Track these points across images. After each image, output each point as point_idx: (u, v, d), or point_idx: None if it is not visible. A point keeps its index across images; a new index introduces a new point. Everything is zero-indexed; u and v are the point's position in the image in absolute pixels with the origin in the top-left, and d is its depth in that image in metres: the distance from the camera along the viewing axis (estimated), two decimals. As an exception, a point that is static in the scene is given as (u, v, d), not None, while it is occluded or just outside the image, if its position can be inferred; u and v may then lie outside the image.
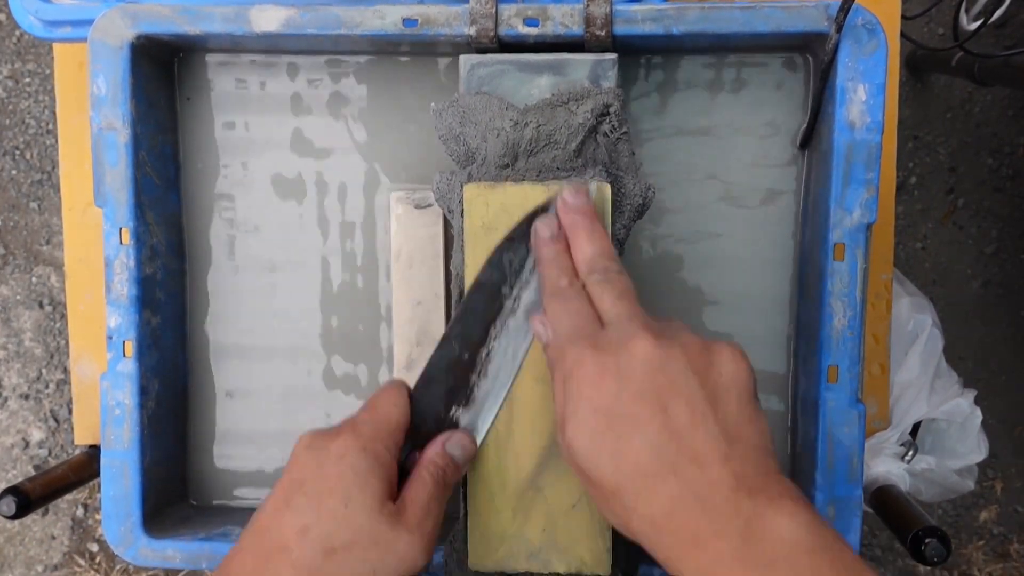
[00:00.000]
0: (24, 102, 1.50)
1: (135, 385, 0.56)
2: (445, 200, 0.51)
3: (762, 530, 0.35)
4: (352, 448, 0.42)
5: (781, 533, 0.35)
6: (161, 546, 0.57)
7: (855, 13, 0.50)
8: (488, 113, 0.50)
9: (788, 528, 0.35)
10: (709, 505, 0.36)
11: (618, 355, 0.39)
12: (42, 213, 1.51)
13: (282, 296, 0.62)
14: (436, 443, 0.46)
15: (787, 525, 0.35)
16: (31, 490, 0.67)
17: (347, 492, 0.41)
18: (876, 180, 0.51)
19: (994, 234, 1.43)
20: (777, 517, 0.35)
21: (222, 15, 0.54)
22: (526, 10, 0.52)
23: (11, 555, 1.54)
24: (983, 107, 1.42)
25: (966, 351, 1.43)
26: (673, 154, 0.58)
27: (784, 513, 0.35)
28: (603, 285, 0.42)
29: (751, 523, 0.35)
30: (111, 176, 0.55)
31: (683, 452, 0.37)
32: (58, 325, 1.52)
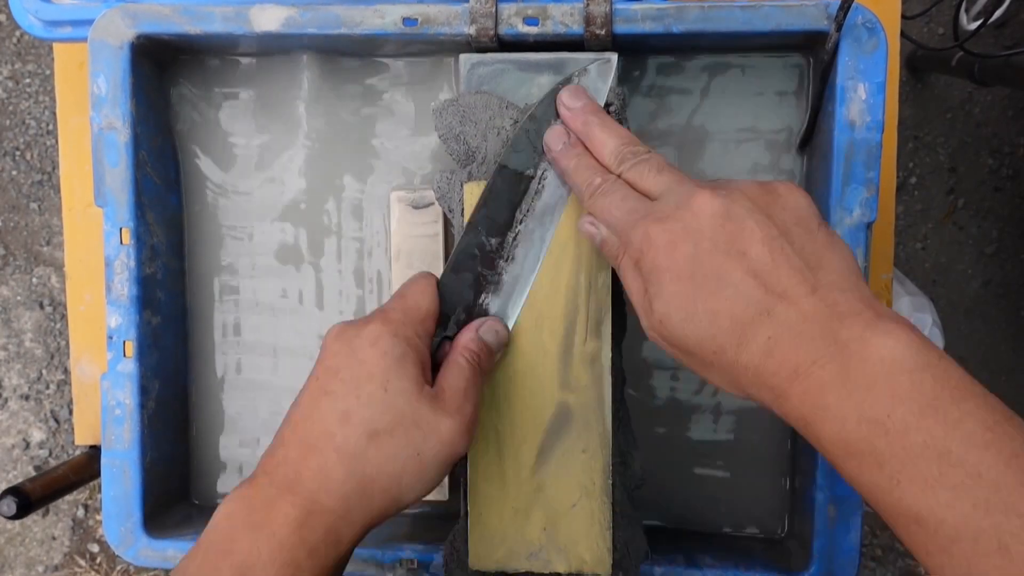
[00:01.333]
0: (24, 103, 1.50)
1: (135, 385, 0.56)
2: (445, 199, 0.51)
3: (861, 353, 0.34)
4: (384, 333, 0.42)
5: (881, 354, 0.34)
6: (161, 546, 0.57)
7: (855, 12, 0.50)
8: (488, 112, 0.50)
9: (887, 348, 0.34)
10: (806, 337, 0.35)
11: (682, 218, 0.38)
12: (42, 214, 1.51)
13: (282, 295, 0.62)
14: (469, 329, 0.45)
15: (885, 345, 0.34)
16: (32, 491, 0.67)
17: (385, 376, 0.40)
18: (876, 179, 0.51)
19: (994, 234, 1.43)
20: (875, 338, 0.34)
21: (222, 15, 0.54)
22: (526, 9, 0.52)
23: (12, 556, 1.54)
24: (983, 107, 1.42)
25: (966, 351, 1.43)
26: (673, 153, 0.58)
27: (880, 333, 0.34)
28: (639, 167, 0.42)
29: (848, 347, 0.34)
30: (111, 176, 0.55)
31: (772, 291, 0.36)
32: (58, 325, 1.52)
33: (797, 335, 0.35)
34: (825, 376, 0.35)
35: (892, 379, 0.33)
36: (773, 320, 0.36)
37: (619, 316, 0.49)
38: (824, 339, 0.35)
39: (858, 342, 0.34)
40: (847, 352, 0.34)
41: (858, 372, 0.34)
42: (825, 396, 0.35)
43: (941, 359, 0.34)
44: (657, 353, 0.60)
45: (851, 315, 0.35)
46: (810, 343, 0.35)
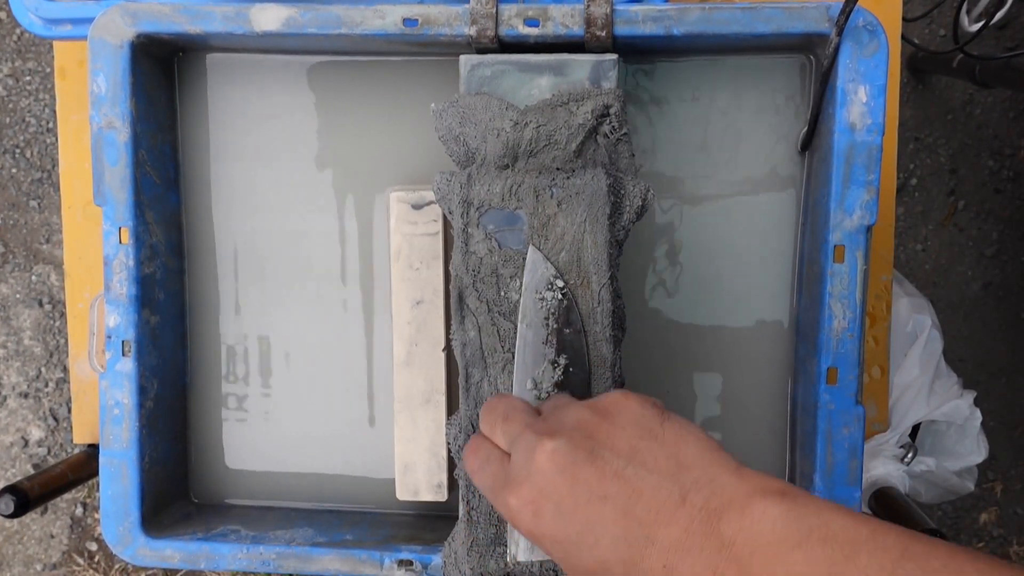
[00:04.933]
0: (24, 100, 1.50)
1: (134, 384, 0.56)
2: (445, 200, 0.51)
3: (750, 547, 0.34)
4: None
5: (767, 539, 0.34)
6: (159, 546, 0.57)
7: (856, 14, 0.50)
8: (488, 113, 0.50)
9: (770, 532, 0.34)
10: (695, 551, 0.35)
11: (534, 481, 0.38)
12: (42, 212, 1.51)
13: (282, 295, 0.62)
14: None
15: (767, 530, 0.34)
16: (30, 489, 0.67)
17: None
18: (876, 182, 0.51)
19: (994, 236, 1.43)
20: (755, 526, 0.34)
21: (222, 14, 0.54)
22: (526, 10, 0.52)
23: (10, 554, 1.54)
24: (984, 109, 1.41)
25: (966, 352, 1.43)
26: (673, 155, 0.58)
27: (757, 519, 0.34)
28: (486, 420, 0.43)
29: (736, 544, 0.34)
30: (111, 175, 0.55)
31: (646, 522, 0.36)
32: (57, 324, 1.52)
33: (687, 552, 0.35)
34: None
35: (785, 561, 0.33)
36: (659, 547, 0.36)
37: (618, 318, 0.49)
38: (712, 545, 0.35)
39: (742, 536, 0.34)
40: (736, 550, 0.34)
41: (755, 567, 0.34)
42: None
43: (820, 514, 0.34)
44: (656, 356, 0.60)
45: (725, 508, 0.35)
46: (702, 555, 0.35)
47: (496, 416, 0.42)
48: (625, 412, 0.39)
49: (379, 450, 0.62)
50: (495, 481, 0.41)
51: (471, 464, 0.42)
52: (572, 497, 0.37)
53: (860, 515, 0.34)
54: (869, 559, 0.32)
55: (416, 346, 0.58)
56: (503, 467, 0.40)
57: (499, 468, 0.41)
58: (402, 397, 0.59)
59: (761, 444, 0.59)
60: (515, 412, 0.42)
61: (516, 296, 0.48)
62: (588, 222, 0.47)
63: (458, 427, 0.50)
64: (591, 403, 0.40)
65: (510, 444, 0.41)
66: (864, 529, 0.33)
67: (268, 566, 0.57)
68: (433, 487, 0.59)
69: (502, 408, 0.43)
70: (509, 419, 0.42)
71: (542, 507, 0.38)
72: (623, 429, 0.38)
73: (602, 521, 0.37)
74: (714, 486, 0.36)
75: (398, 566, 0.56)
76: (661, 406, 0.39)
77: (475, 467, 0.42)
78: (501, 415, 0.42)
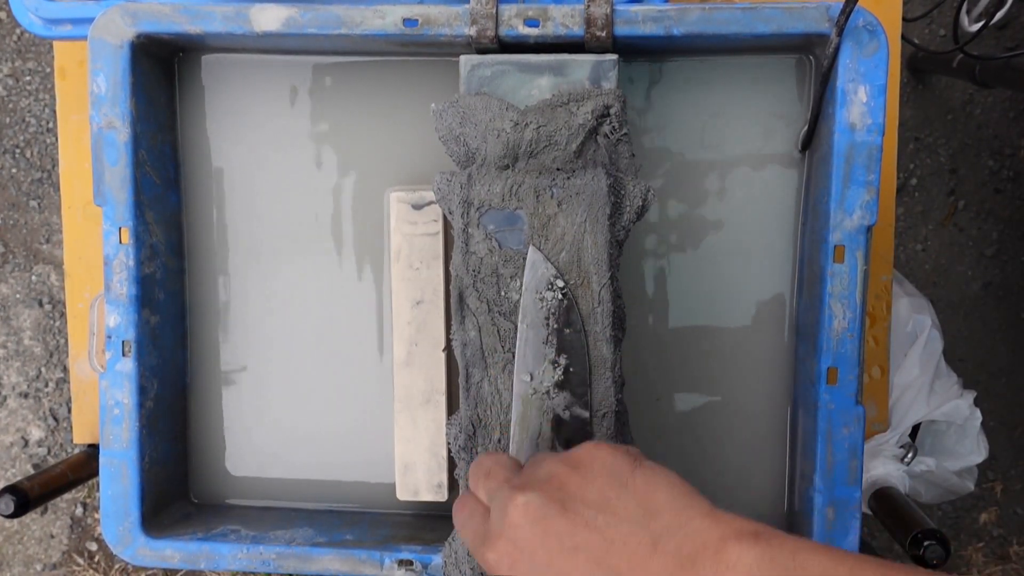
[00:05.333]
0: (24, 100, 1.50)
1: (134, 384, 0.56)
2: (446, 201, 0.51)
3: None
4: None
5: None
6: (159, 546, 0.57)
7: (856, 14, 0.50)
8: (488, 114, 0.50)
9: (741, 575, 0.34)
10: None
11: (509, 536, 0.39)
12: (42, 211, 1.51)
13: (283, 294, 0.62)
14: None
15: (738, 574, 0.34)
16: (30, 489, 0.67)
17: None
18: (876, 182, 0.51)
19: (994, 236, 1.43)
20: (727, 572, 0.34)
21: (222, 14, 0.54)
22: (527, 10, 0.52)
23: (10, 554, 1.54)
24: (984, 109, 1.41)
25: (966, 352, 1.43)
26: (673, 156, 0.58)
27: (731, 566, 0.34)
28: (476, 480, 0.43)
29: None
30: (111, 175, 0.55)
31: (617, 570, 0.36)
32: (57, 324, 1.52)
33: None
34: None
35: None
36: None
37: (618, 318, 0.49)
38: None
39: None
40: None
41: None
42: None
43: (795, 555, 0.34)
44: (656, 356, 0.60)
45: (698, 553, 0.35)
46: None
47: (481, 472, 0.43)
48: (596, 462, 0.39)
49: (379, 450, 0.62)
50: (475, 536, 0.41)
51: (458, 520, 0.43)
52: (544, 549, 0.37)
53: (837, 552, 0.34)
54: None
55: (416, 346, 0.58)
56: (484, 523, 0.41)
57: (480, 523, 0.41)
58: (402, 397, 0.59)
59: (761, 444, 0.59)
60: (497, 468, 0.43)
61: (516, 296, 0.48)
62: (588, 222, 0.47)
63: (458, 427, 0.50)
64: (565, 456, 0.40)
65: (489, 499, 0.41)
66: (842, 568, 0.33)
67: (268, 566, 0.57)
68: (433, 487, 0.59)
69: (487, 465, 0.43)
70: (491, 475, 0.42)
71: (517, 560, 0.38)
72: (594, 480, 0.38)
73: (575, 572, 0.37)
74: (686, 531, 0.36)
75: (398, 566, 0.56)
76: (636, 453, 0.39)
77: (460, 523, 0.43)
78: (484, 472, 0.43)
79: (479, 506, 0.42)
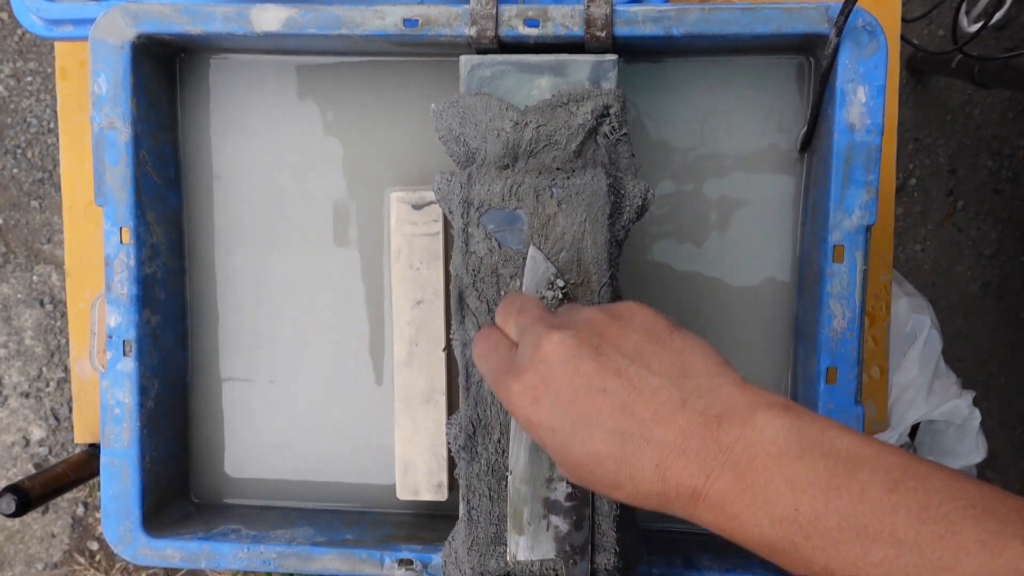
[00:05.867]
0: (25, 101, 1.50)
1: (135, 384, 0.56)
2: (446, 201, 0.51)
3: (748, 453, 0.34)
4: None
5: (767, 449, 0.33)
6: (160, 545, 0.57)
7: (855, 15, 0.50)
8: (488, 114, 0.50)
9: (770, 441, 0.34)
10: (691, 454, 0.35)
11: (537, 368, 0.38)
12: (43, 212, 1.51)
13: (283, 295, 0.62)
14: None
15: (768, 439, 0.34)
16: (31, 488, 0.67)
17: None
18: (876, 182, 0.51)
19: (993, 236, 1.43)
20: (755, 434, 0.34)
21: (223, 15, 0.54)
22: (526, 11, 0.52)
23: (11, 553, 1.54)
24: (983, 109, 1.42)
25: (965, 352, 1.43)
26: (673, 156, 0.58)
27: (759, 428, 0.34)
28: (502, 311, 0.43)
29: (734, 451, 0.34)
30: (112, 175, 0.55)
31: (642, 419, 0.36)
32: (59, 323, 1.52)
33: (682, 454, 0.35)
34: (724, 488, 0.34)
35: (786, 471, 0.33)
36: (653, 446, 0.35)
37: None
38: (709, 450, 0.35)
39: (741, 443, 0.34)
40: (734, 456, 0.34)
41: (752, 474, 0.34)
42: (732, 506, 0.34)
43: (824, 430, 0.34)
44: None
45: (726, 415, 0.35)
46: (697, 458, 0.35)
47: (511, 309, 0.43)
48: (636, 317, 0.39)
49: (379, 450, 0.62)
50: (499, 366, 0.41)
51: (479, 349, 0.43)
52: (571, 388, 0.37)
53: (865, 436, 0.34)
54: (871, 475, 0.32)
55: (416, 346, 0.58)
56: (510, 355, 0.41)
57: (506, 355, 0.41)
58: (402, 397, 0.59)
59: (760, 444, 0.59)
60: (530, 306, 0.42)
61: (516, 296, 0.48)
62: (588, 222, 0.48)
63: (458, 426, 0.50)
64: (605, 307, 0.40)
65: (520, 334, 0.41)
66: (868, 448, 0.33)
67: (269, 565, 0.57)
68: (433, 487, 0.59)
69: (520, 302, 0.43)
70: (523, 312, 0.42)
71: (541, 394, 0.38)
72: (632, 332, 0.38)
73: (598, 414, 0.37)
74: (717, 394, 0.36)
75: (398, 565, 0.56)
76: (674, 320, 0.40)
77: (482, 352, 0.42)
78: (517, 308, 0.42)
79: (505, 339, 0.42)
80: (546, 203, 0.48)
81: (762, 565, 0.55)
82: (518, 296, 0.44)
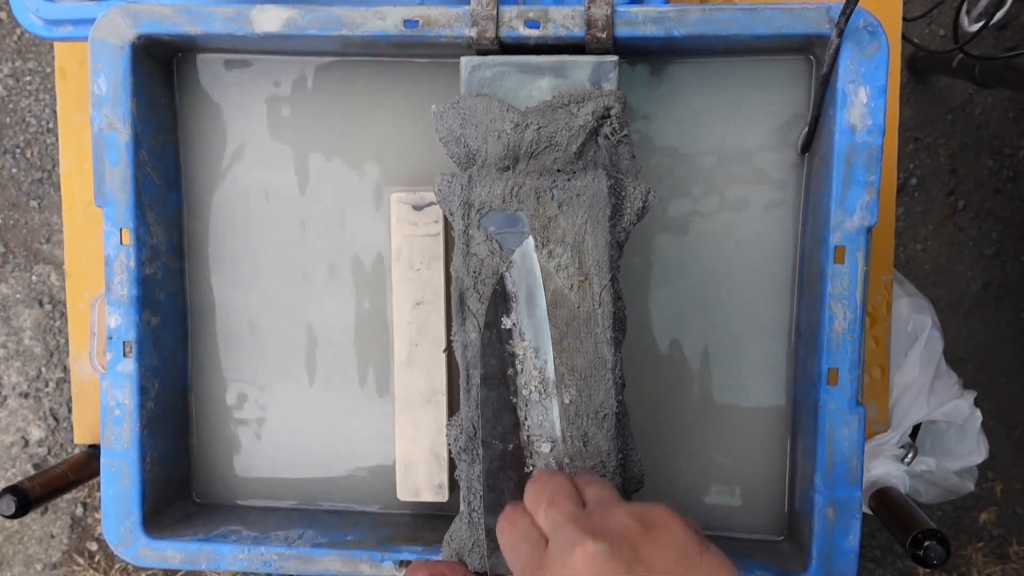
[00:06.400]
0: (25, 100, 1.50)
1: (135, 385, 0.56)
2: (447, 202, 0.51)
3: None
4: None
5: None
6: (160, 546, 0.57)
7: (856, 15, 0.50)
8: (489, 115, 0.50)
9: None
10: None
11: (566, 574, 0.38)
12: (42, 211, 1.51)
13: (283, 295, 0.62)
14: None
15: None
16: (30, 489, 0.67)
17: None
18: (877, 182, 0.51)
19: (994, 236, 1.43)
20: None
21: (223, 15, 0.54)
22: (527, 12, 0.52)
23: (10, 554, 1.54)
24: (984, 109, 1.41)
25: (966, 352, 1.43)
26: (673, 157, 0.58)
27: None
28: (534, 498, 0.42)
29: None
30: (112, 175, 0.55)
31: None
32: (58, 324, 1.52)
33: None
34: None
35: None
36: None
37: (619, 320, 0.49)
38: None
39: None
40: None
41: None
42: None
43: None
44: (656, 356, 0.60)
45: None
46: None
47: (543, 497, 0.42)
48: (669, 533, 0.39)
49: (379, 450, 0.62)
50: (528, 563, 0.41)
51: (506, 538, 0.42)
52: None
53: None
54: None
55: (417, 347, 0.58)
56: (538, 550, 0.41)
57: (534, 551, 0.41)
58: (403, 397, 0.59)
59: (761, 444, 0.59)
60: (562, 498, 0.42)
61: (517, 297, 0.48)
62: (589, 224, 0.47)
63: (459, 428, 0.50)
64: (637, 511, 0.40)
65: (552, 531, 0.41)
66: None
67: (269, 567, 0.57)
68: (434, 487, 0.59)
69: (550, 489, 0.42)
70: (555, 504, 0.41)
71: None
72: (664, 551, 0.38)
73: None
74: None
75: (399, 566, 0.56)
76: (702, 533, 0.39)
77: (510, 543, 0.42)
78: (548, 498, 0.42)
79: (534, 531, 0.41)
80: (547, 205, 0.48)
81: (763, 566, 0.55)
82: (550, 480, 0.43)
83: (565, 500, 0.42)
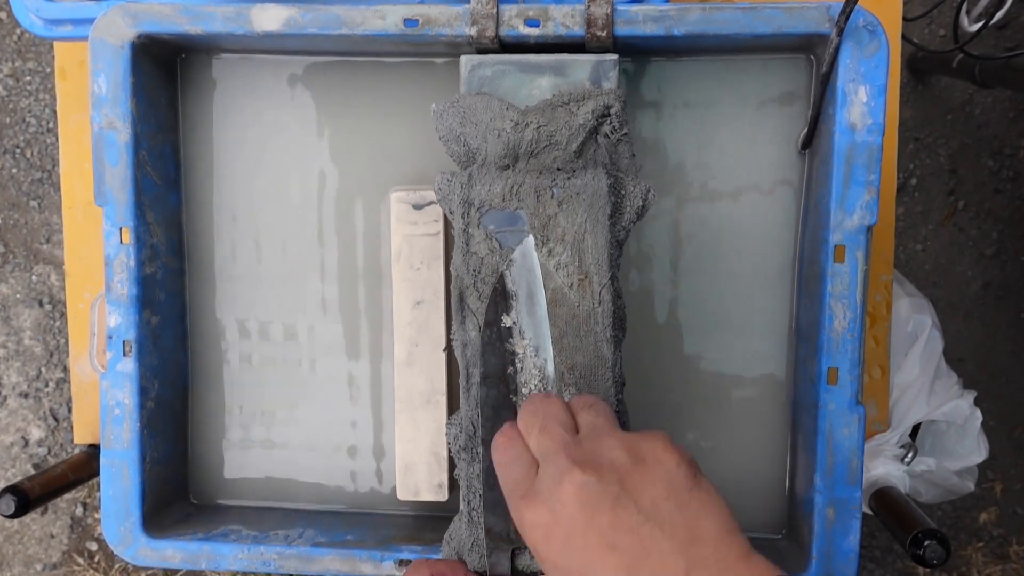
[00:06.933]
0: (25, 100, 1.50)
1: (135, 385, 0.56)
2: (446, 201, 0.51)
3: None
4: None
5: None
6: (160, 546, 0.57)
7: (856, 14, 0.50)
8: (489, 114, 0.50)
9: None
10: None
11: (553, 506, 0.39)
12: (42, 211, 1.51)
13: (283, 295, 0.62)
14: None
15: None
16: (30, 489, 0.67)
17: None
18: (877, 182, 0.51)
19: (994, 236, 1.43)
20: None
21: (223, 14, 0.54)
22: (527, 11, 0.52)
23: (10, 554, 1.54)
24: (984, 109, 1.41)
25: (966, 352, 1.43)
26: (673, 156, 0.58)
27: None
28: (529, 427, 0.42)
29: None
30: (111, 175, 0.55)
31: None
32: (58, 324, 1.52)
33: None
34: None
35: None
36: None
37: (619, 318, 0.49)
38: None
39: None
40: None
41: None
42: None
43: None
44: (656, 356, 0.60)
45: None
46: None
47: (535, 422, 0.42)
48: (660, 465, 0.39)
49: (380, 450, 0.62)
50: (517, 486, 0.41)
51: (500, 456, 0.42)
52: (583, 536, 0.37)
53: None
54: None
55: (417, 346, 0.58)
56: (529, 475, 0.41)
57: (525, 474, 0.41)
58: (403, 397, 0.59)
59: (761, 444, 0.59)
60: (553, 424, 0.42)
61: (517, 296, 0.48)
62: (589, 222, 0.47)
63: (458, 427, 0.50)
64: (630, 443, 0.40)
65: (541, 457, 0.41)
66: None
67: (269, 566, 0.57)
68: (434, 487, 0.59)
69: (542, 415, 0.42)
70: (546, 431, 0.41)
71: (553, 533, 0.38)
72: (652, 484, 0.38)
73: (604, 568, 0.37)
74: (720, 567, 0.36)
75: (399, 566, 0.56)
76: (696, 465, 0.39)
77: (503, 461, 0.42)
78: (539, 424, 0.42)
79: (527, 454, 0.41)
80: (547, 203, 0.48)
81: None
82: (542, 404, 0.43)
83: (556, 427, 0.42)
